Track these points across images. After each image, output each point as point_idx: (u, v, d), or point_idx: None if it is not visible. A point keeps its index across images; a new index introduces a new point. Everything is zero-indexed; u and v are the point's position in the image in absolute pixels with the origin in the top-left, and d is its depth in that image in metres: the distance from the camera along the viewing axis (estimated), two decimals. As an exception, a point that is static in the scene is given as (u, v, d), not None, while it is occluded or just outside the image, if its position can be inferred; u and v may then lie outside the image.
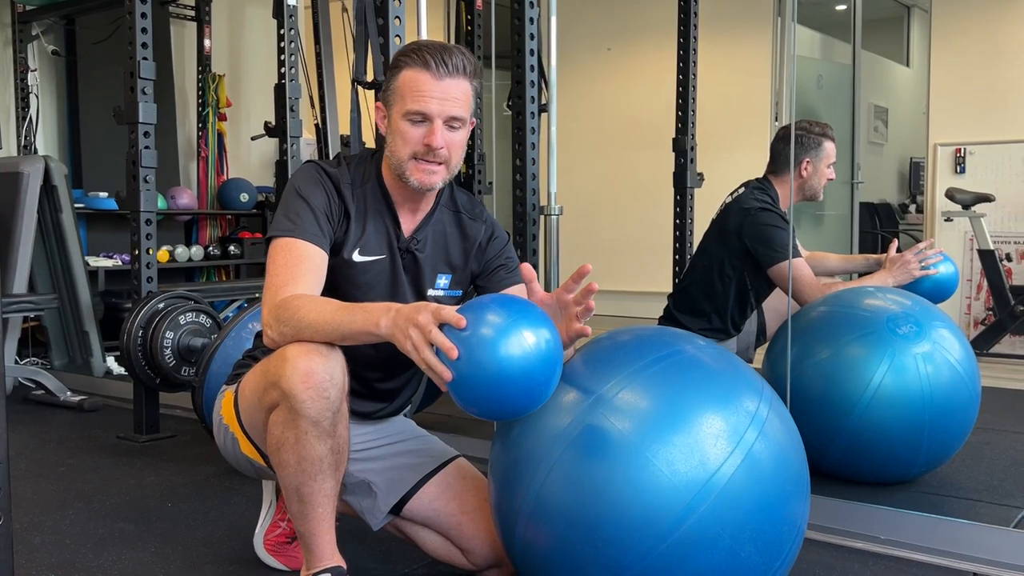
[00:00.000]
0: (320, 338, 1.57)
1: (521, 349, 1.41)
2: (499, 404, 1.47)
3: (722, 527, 1.48)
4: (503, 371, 1.41)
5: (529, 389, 1.46)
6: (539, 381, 1.46)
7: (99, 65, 5.47)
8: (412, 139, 1.73)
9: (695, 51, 3.89)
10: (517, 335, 1.41)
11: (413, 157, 1.74)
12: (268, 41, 6.08)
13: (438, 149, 1.72)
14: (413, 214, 1.86)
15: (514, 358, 1.41)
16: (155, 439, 3.30)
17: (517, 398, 1.46)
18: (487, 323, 1.42)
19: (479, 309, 1.45)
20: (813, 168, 3.03)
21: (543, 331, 1.45)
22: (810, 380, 2.53)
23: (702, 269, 3.14)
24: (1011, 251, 4.97)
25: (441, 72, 1.70)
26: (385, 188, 1.83)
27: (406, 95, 1.72)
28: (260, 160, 6.47)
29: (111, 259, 5.18)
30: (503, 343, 1.40)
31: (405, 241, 1.84)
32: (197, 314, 3.27)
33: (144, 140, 3.24)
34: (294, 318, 1.58)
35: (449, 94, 1.72)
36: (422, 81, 1.70)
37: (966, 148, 5.11)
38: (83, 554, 2.18)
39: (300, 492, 1.62)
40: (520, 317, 1.44)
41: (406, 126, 1.73)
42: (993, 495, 2.57)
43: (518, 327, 1.42)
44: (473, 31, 4.51)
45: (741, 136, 5.93)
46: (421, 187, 1.76)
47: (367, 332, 1.51)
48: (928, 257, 2.91)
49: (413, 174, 1.75)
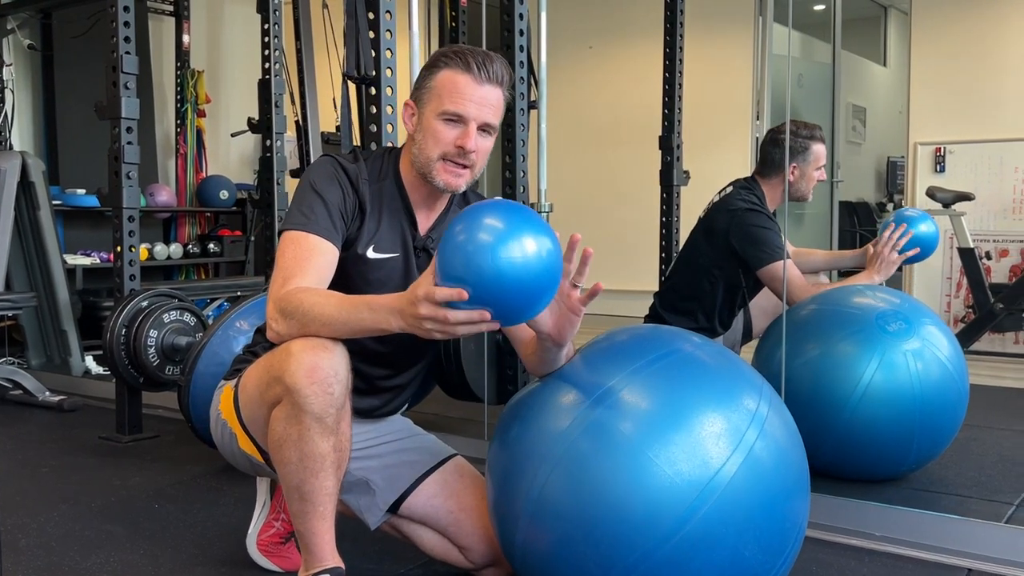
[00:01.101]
0: (327, 332, 1.55)
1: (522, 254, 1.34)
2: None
3: (725, 526, 1.48)
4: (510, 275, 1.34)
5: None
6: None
7: (76, 60, 5.39)
8: (445, 140, 1.72)
9: (681, 49, 3.90)
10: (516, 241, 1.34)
11: (442, 158, 1.73)
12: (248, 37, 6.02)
13: (470, 153, 1.72)
14: (428, 212, 1.85)
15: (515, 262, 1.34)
16: (138, 439, 3.26)
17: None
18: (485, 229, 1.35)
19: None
20: (800, 172, 3.02)
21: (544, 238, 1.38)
22: (801, 379, 2.53)
23: (688, 267, 3.13)
24: (990, 249, 5.01)
25: (482, 77, 1.70)
26: (403, 186, 1.82)
27: (444, 95, 1.71)
28: (239, 157, 6.41)
29: (89, 257, 5.11)
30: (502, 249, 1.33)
31: (421, 240, 1.84)
32: (181, 312, 3.23)
33: (127, 135, 3.19)
34: (300, 310, 1.56)
35: (487, 100, 1.72)
36: (462, 83, 1.70)
37: (946, 147, 5.15)
38: (71, 556, 2.14)
39: (301, 490, 1.59)
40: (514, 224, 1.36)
41: (440, 126, 1.72)
42: (982, 491, 2.59)
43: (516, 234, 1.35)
44: (458, 28, 4.48)
45: (722, 135, 5.95)
46: (446, 188, 1.76)
47: (378, 329, 1.50)
48: (897, 240, 2.89)
49: (440, 175, 1.74)
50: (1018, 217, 4.96)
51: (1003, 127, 4.98)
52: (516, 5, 2.99)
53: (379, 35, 2.52)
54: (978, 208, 4.92)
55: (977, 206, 4.88)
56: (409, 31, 2.69)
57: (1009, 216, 4.98)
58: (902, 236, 2.90)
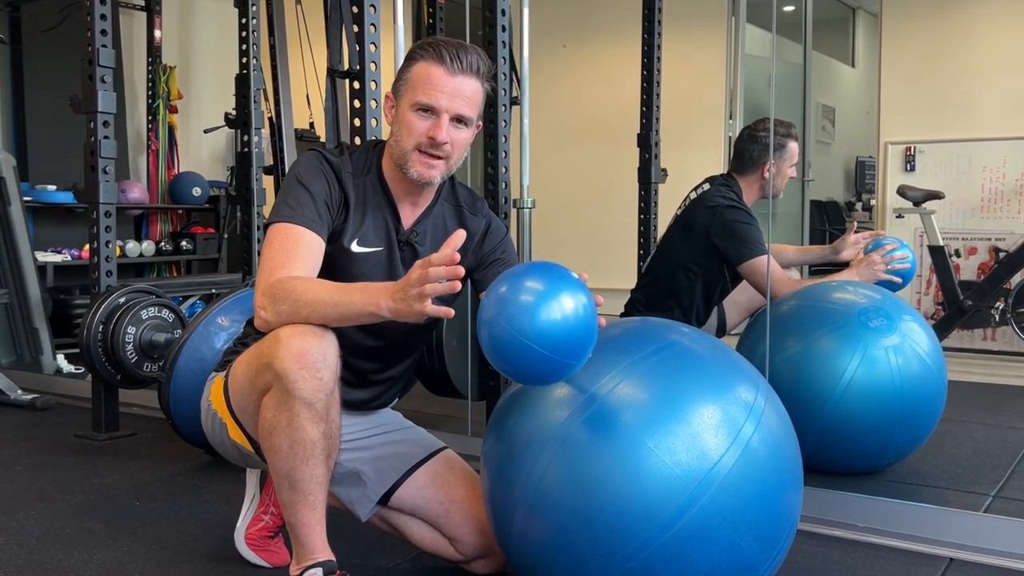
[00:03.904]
0: (317, 318, 1.56)
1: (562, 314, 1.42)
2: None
3: (723, 517, 1.49)
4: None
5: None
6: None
7: (46, 54, 5.31)
8: (417, 131, 1.73)
9: (659, 47, 3.92)
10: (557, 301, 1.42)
11: (416, 149, 1.74)
12: (220, 32, 5.98)
13: (442, 144, 1.73)
14: (413, 207, 1.86)
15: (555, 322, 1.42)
16: (115, 437, 3.21)
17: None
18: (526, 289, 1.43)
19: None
20: (776, 169, 3.05)
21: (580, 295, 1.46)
22: (783, 374, 2.55)
23: (666, 264, 3.15)
24: (960, 247, 5.09)
25: (455, 68, 1.72)
26: (384, 180, 1.83)
27: (417, 87, 1.73)
28: (211, 153, 6.35)
29: (60, 254, 5.04)
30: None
31: (405, 234, 1.84)
32: (159, 309, 3.19)
33: (103, 130, 3.14)
34: (291, 296, 1.57)
35: (460, 91, 1.73)
36: (435, 75, 1.72)
37: (916, 146, 5.22)
38: (52, 555, 2.11)
39: (292, 478, 1.59)
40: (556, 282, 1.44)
41: (413, 117, 1.73)
42: (959, 483, 2.63)
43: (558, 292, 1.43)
44: (435, 24, 4.47)
45: (696, 134, 5.99)
46: (419, 179, 1.76)
47: (368, 312, 1.52)
48: (895, 260, 2.94)
49: (414, 166, 1.75)
50: (986, 216, 5.05)
51: (972, 127, 5.06)
52: (499, 1, 2.99)
53: (363, 29, 2.51)
54: (947, 207, 5.00)
55: (946, 205, 4.95)
56: (394, 25, 2.68)
57: (977, 215, 5.06)
58: (901, 262, 2.93)
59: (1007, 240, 4.95)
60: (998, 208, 5.03)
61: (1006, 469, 2.76)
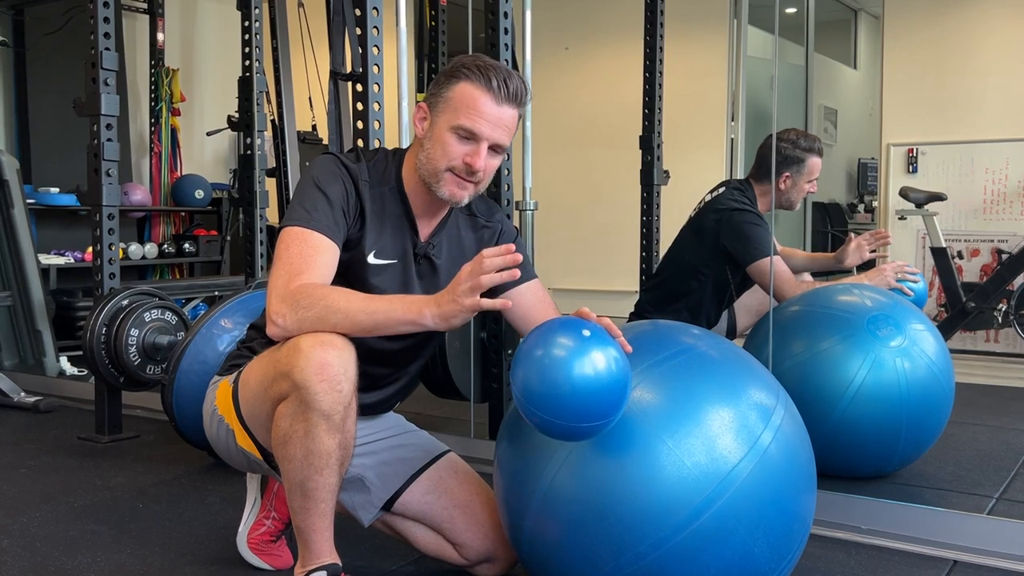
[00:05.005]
0: (348, 325, 1.55)
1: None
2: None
3: (738, 522, 1.49)
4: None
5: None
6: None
7: (50, 57, 5.32)
8: (454, 153, 1.70)
9: (661, 50, 3.91)
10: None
11: (450, 170, 1.72)
12: (223, 35, 5.99)
13: (477, 171, 1.71)
14: (430, 219, 1.84)
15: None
16: (118, 440, 3.22)
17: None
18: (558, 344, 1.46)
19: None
20: (792, 183, 3.05)
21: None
22: (790, 379, 2.52)
23: (676, 266, 3.15)
24: (962, 248, 5.09)
25: (500, 97, 1.69)
26: (404, 193, 1.80)
27: (460, 109, 1.69)
28: (214, 156, 6.35)
29: (63, 256, 5.04)
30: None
31: (423, 246, 1.82)
32: (163, 311, 3.19)
33: (107, 132, 3.15)
34: (319, 303, 1.55)
35: (502, 121, 1.71)
36: (481, 101, 1.68)
37: (918, 148, 5.22)
38: (56, 557, 2.11)
39: (304, 487, 1.59)
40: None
41: (451, 139, 1.70)
42: (963, 485, 2.63)
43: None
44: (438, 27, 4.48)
45: (698, 136, 5.99)
46: (450, 200, 1.75)
47: (408, 321, 1.53)
48: (907, 276, 2.91)
49: (446, 186, 1.73)
50: (989, 217, 5.05)
51: (974, 128, 5.06)
52: (501, 4, 2.99)
53: (366, 31, 2.51)
54: (950, 208, 5.00)
55: (949, 206, 4.95)
56: (396, 27, 2.69)
57: (980, 216, 5.07)
58: (912, 278, 2.90)
59: (1010, 242, 4.95)
60: (1000, 210, 5.03)
61: (1009, 471, 2.76)
